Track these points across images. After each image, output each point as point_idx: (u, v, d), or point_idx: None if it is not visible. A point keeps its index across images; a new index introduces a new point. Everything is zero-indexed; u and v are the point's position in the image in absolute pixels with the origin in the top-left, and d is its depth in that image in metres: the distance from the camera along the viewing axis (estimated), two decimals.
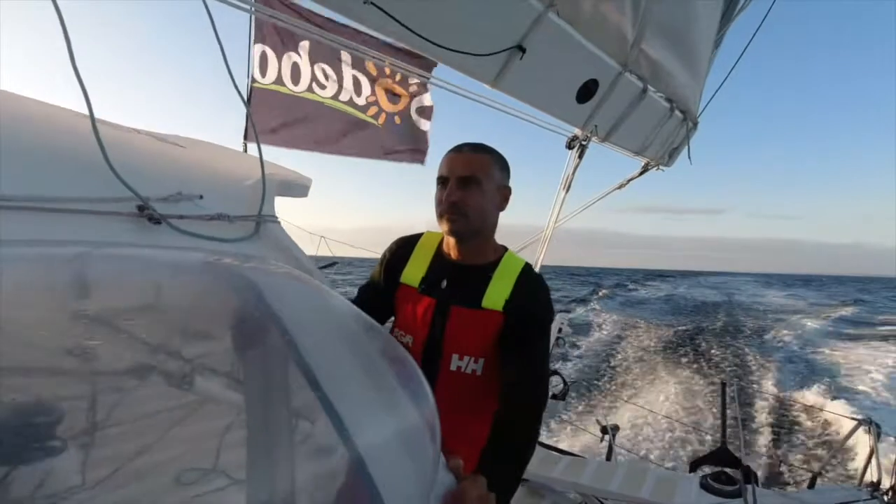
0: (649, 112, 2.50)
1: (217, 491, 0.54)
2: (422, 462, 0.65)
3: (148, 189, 0.83)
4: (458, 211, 1.21)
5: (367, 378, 0.64)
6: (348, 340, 0.66)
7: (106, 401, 0.52)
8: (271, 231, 1.00)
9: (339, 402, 0.61)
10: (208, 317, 0.62)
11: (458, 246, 1.29)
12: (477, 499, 0.74)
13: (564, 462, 3.25)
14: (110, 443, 0.51)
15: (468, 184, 1.21)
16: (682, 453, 6.85)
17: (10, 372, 0.45)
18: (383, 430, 0.63)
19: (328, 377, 0.63)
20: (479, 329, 1.22)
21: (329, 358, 0.65)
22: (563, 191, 2.58)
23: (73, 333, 0.51)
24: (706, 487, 2.82)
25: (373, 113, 3.53)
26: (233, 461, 0.58)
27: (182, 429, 0.57)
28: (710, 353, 15.19)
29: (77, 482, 0.47)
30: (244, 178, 1.11)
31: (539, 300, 1.25)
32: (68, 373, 0.52)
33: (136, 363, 0.55)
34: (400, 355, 0.66)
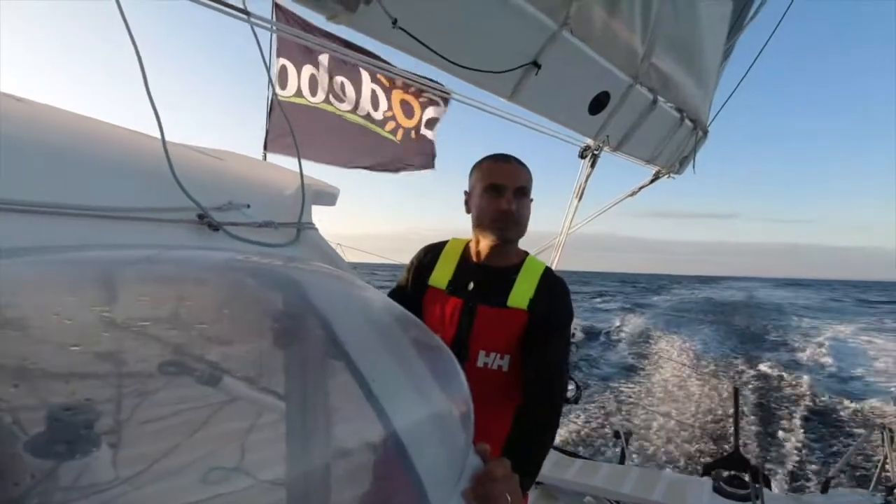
0: (660, 122, 2.57)
1: (242, 491, 0.57)
2: (456, 443, 0.73)
3: (203, 199, 0.93)
4: (514, 220, 1.31)
5: (405, 365, 0.73)
6: (387, 331, 0.74)
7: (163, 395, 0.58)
8: (311, 237, 1.09)
9: (379, 388, 0.70)
10: (264, 309, 0.70)
11: (492, 250, 1.37)
12: (503, 478, 0.82)
13: (578, 465, 3.29)
14: (147, 439, 0.56)
15: (523, 194, 1.32)
16: (696, 458, 6.83)
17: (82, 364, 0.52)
18: (421, 412, 0.71)
19: (369, 365, 0.71)
20: (505, 327, 1.30)
21: (369, 347, 0.74)
22: (576, 199, 2.65)
23: (148, 328, 0.59)
24: (719, 491, 2.85)
25: (391, 128, 3.59)
26: (260, 460, 0.63)
27: (212, 427, 0.62)
28: (727, 356, 15.07)
29: (112, 477, 0.51)
30: (283, 188, 1.21)
31: (561, 300, 1.34)
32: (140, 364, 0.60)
33: (195, 354, 0.64)
34: (436, 344, 0.74)
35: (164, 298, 0.56)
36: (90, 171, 0.83)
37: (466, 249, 1.43)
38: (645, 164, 2.93)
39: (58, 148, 0.81)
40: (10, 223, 0.65)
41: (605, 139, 2.35)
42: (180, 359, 0.58)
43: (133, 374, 0.57)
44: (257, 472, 0.64)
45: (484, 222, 1.34)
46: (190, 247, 0.80)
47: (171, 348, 0.57)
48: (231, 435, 0.64)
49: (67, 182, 0.77)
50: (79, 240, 0.70)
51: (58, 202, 0.73)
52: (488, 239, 1.36)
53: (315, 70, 3.48)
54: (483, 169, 1.36)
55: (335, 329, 0.67)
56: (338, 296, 0.72)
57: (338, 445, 0.70)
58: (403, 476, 0.70)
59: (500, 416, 1.24)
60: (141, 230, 0.82)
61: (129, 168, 0.90)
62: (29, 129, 0.77)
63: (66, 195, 0.75)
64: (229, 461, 0.63)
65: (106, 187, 0.82)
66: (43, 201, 0.71)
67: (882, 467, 3.02)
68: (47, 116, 0.86)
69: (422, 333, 0.75)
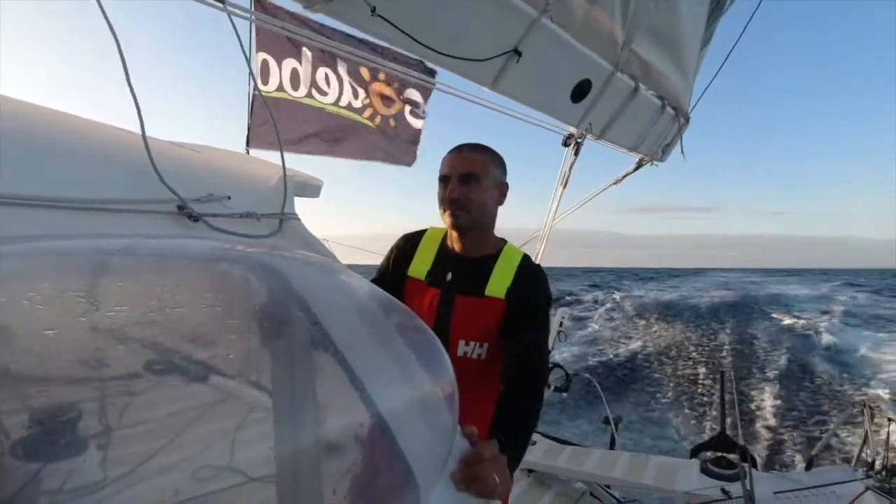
0: (642, 109, 2.58)
1: (232, 488, 0.57)
2: (442, 425, 0.74)
3: (183, 191, 0.92)
4: (461, 206, 1.31)
5: (390, 348, 0.73)
6: (372, 315, 0.75)
7: (142, 387, 0.58)
8: (294, 227, 1.09)
9: (363, 372, 0.70)
10: (245, 294, 0.69)
11: (461, 239, 1.38)
12: (491, 458, 0.83)
13: (568, 451, 3.33)
14: (132, 428, 0.56)
15: (468, 180, 1.31)
16: (684, 442, 6.96)
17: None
18: (407, 395, 0.72)
19: (354, 349, 0.71)
20: (483, 316, 1.31)
21: (354, 331, 0.74)
22: (561, 187, 2.66)
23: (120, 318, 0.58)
24: (706, 472, 2.91)
25: (368, 115, 3.59)
26: (246, 447, 0.63)
27: (196, 416, 0.61)
28: (712, 342, 15.32)
29: (100, 477, 0.50)
30: (265, 180, 1.20)
31: (538, 287, 1.35)
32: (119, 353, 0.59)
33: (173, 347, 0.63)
34: (420, 328, 0.74)
35: (144, 286, 0.56)
36: (67, 164, 0.82)
37: (444, 239, 1.45)
38: (628, 151, 2.95)
39: (33, 141, 0.80)
40: None
41: (588, 127, 2.36)
42: (162, 346, 0.57)
43: (114, 364, 0.56)
44: (243, 459, 0.64)
45: (439, 209, 1.36)
46: (169, 236, 0.79)
47: (152, 336, 0.56)
48: (216, 421, 0.64)
49: (45, 174, 0.76)
50: (57, 231, 0.69)
51: (35, 195, 0.72)
52: (449, 228, 1.38)
53: (297, 64, 3.45)
54: (441, 165, 1.38)
55: (319, 314, 0.67)
56: (321, 281, 0.72)
57: (324, 430, 0.70)
58: (391, 459, 0.71)
59: (481, 403, 1.25)
60: (119, 222, 0.81)
61: (108, 160, 0.89)
62: (6, 123, 0.76)
63: (43, 188, 0.74)
64: (214, 448, 0.63)
65: (83, 179, 0.81)
66: (20, 193, 0.70)
67: (864, 444, 3.10)
68: (22, 111, 0.85)
69: (406, 317, 0.75)
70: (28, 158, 0.76)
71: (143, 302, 0.58)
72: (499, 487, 0.83)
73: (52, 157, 0.81)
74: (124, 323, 0.56)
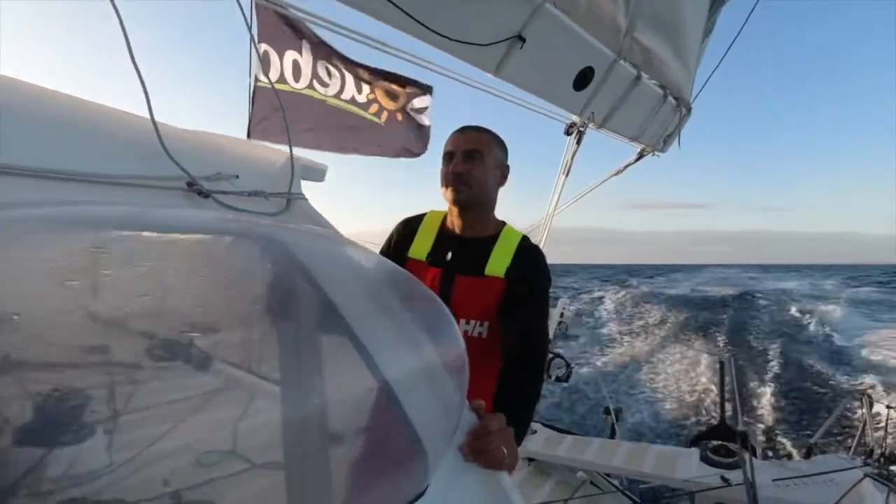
0: (644, 98, 2.59)
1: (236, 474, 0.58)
2: (453, 396, 0.75)
3: (192, 170, 0.92)
4: (463, 181, 1.33)
5: (401, 319, 0.74)
6: (382, 286, 0.75)
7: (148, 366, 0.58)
8: (301, 207, 1.10)
9: (375, 343, 0.71)
10: (255, 264, 0.70)
11: (462, 217, 1.40)
12: (499, 431, 0.84)
13: (569, 441, 3.35)
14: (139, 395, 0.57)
15: (472, 157, 1.34)
16: (684, 431, 7.01)
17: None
18: (417, 364, 0.73)
19: (364, 320, 0.72)
20: (483, 295, 1.33)
21: (364, 302, 0.75)
22: (563, 176, 2.67)
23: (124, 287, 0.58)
24: (706, 460, 2.92)
25: (374, 111, 3.56)
26: (256, 418, 0.64)
27: (204, 412, 0.62)
28: (712, 333, 15.40)
29: (106, 462, 0.51)
30: (271, 162, 1.21)
31: (537, 267, 1.37)
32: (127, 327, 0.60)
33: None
34: (430, 297, 0.75)
35: (153, 251, 0.56)
36: (80, 141, 0.83)
37: (444, 221, 1.46)
38: (630, 141, 2.95)
39: (45, 119, 0.81)
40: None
41: (590, 115, 2.36)
42: (169, 312, 0.58)
43: (121, 332, 0.56)
44: (253, 431, 0.65)
45: (441, 186, 1.39)
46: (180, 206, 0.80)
47: (160, 302, 0.56)
48: (225, 393, 0.65)
49: (58, 150, 0.77)
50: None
51: (49, 167, 0.73)
52: (450, 205, 1.40)
53: (298, 55, 3.43)
54: (445, 143, 1.41)
55: (329, 283, 0.68)
56: (331, 252, 0.73)
57: (334, 401, 0.71)
58: (400, 427, 0.71)
59: (482, 380, 1.27)
60: (130, 196, 0.82)
61: (118, 139, 0.90)
62: (24, 105, 0.77)
63: (56, 161, 0.75)
64: (223, 419, 0.63)
65: (95, 156, 0.82)
66: (33, 166, 0.71)
67: (862, 432, 3.12)
68: (33, 92, 0.85)
69: (416, 288, 0.76)
70: (41, 135, 0.77)
71: (150, 266, 0.58)
72: (507, 459, 0.85)
73: (66, 134, 0.82)
74: (128, 290, 0.56)
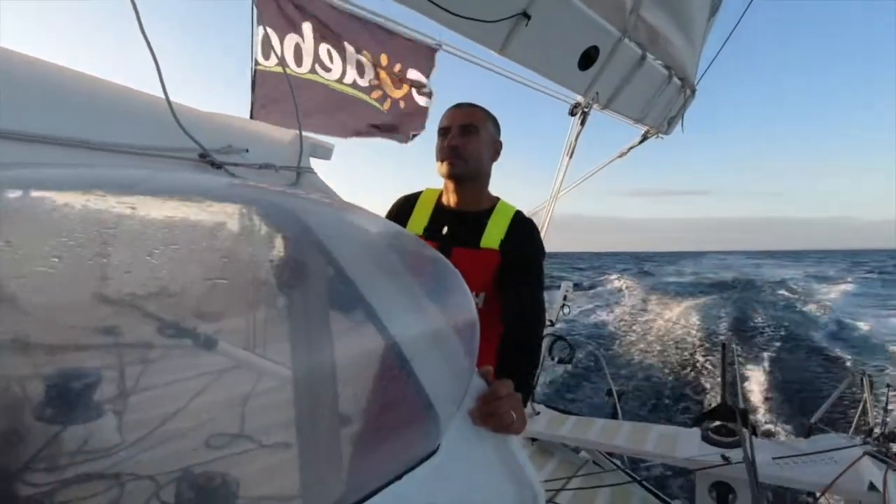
0: (648, 78, 2.58)
1: (244, 454, 0.59)
2: (462, 357, 0.76)
3: (203, 142, 0.94)
4: (459, 155, 1.36)
5: (411, 282, 0.75)
6: (391, 249, 0.77)
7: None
8: (311, 180, 1.11)
9: (383, 303, 0.72)
10: (269, 228, 0.70)
11: (457, 191, 1.43)
12: (507, 396, 0.86)
13: (572, 421, 3.38)
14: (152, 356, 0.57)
15: (467, 132, 1.38)
16: (686, 414, 7.09)
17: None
18: (429, 331, 0.74)
19: (374, 282, 0.73)
20: (479, 267, 1.36)
21: (375, 265, 0.76)
22: (567, 157, 2.67)
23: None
24: (707, 440, 2.95)
25: (377, 97, 3.53)
26: (267, 381, 0.66)
27: (212, 394, 0.62)
28: (714, 319, 15.46)
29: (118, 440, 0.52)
30: (280, 138, 1.22)
31: (531, 239, 1.40)
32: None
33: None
34: (441, 261, 0.77)
35: (161, 211, 0.57)
36: (94, 114, 0.84)
37: (440, 197, 1.49)
38: (634, 123, 2.94)
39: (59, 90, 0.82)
40: (14, 151, 0.67)
41: (594, 96, 2.36)
42: (179, 273, 0.58)
43: (126, 294, 0.56)
44: (264, 393, 0.66)
45: (437, 160, 1.42)
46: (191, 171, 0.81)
47: (172, 261, 0.57)
48: (237, 356, 0.66)
49: (72, 120, 0.79)
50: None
51: (65, 136, 0.74)
52: (445, 179, 1.43)
53: (300, 39, 3.40)
54: (440, 119, 1.44)
55: (342, 249, 0.70)
56: (344, 219, 0.74)
57: (347, 361, 0.72)
58: (412, 390, 0.73)
59: (481, 350, 1.30)
60: (143, 166, 0.84)
61: (130, 112, 0.91)
62: (39, 80, 0.78)
63: (71, 130, 0.76)
64: (235, 384, 0.65)
65: (109, 127, 0.84)
66: (50, 134, 0.72)
67: (861, 412, 3.15)
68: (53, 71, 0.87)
69: (427, 252, 0.78)
70: (57, 104, 0.78)
71: (161, 228, 0.59)
72: (515, 423, 0.87)
73: (81, 106, 0.83)
74: (137, 250, 0.57)
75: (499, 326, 1.30)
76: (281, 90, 3.49)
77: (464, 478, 0.83)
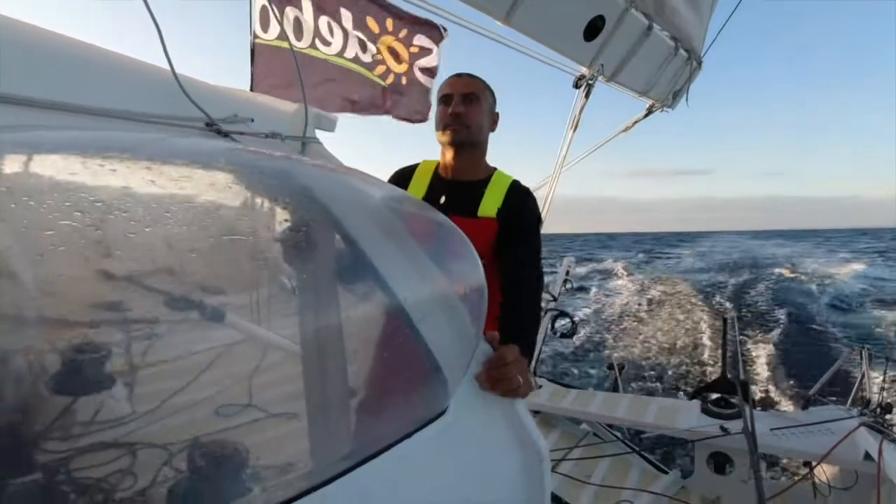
0: (654, 50, 2.53)
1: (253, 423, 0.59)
2: (470, 322, 0.78)
3: (208, 111, 0.94)
4: (461, 122, 1.37)
5: (420, 246, 0.76)
6: (398, 214, 0.78)
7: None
8: (317, 150, 1.11)
9: (391, 267, 0.72)
10: (277, 192, 0.70)
11: (456, 159, 1.43)
12: (514, 361, 0.88)
13: (573, 394, 3.44)
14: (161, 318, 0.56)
15: (469, 100, 1.39)
16: (685, 387, 7.20)
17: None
18: (437, 291, 0.76)
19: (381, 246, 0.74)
20: (476, 235, 1.36)
21: (381, 230, 0.77)
22: (571, 130, 2.65)
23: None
24: (707, 412, 3.00)
25: (380, 73, 3.46)
26: (275, 345, 0.66)
27: (221, 366, 0.61)
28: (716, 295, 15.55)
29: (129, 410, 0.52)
30: (285, 110, 1.21)
31: (527, 206, 1.41)
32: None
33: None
34: (449, 226, 0.77)
35: (172, 175, 0.57)
36: (102, 82, 0.85)
37: (437, 168, 1.50)
38: (639, 96, 2.91)
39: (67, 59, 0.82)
40: (20, 115, 0.67)
41: (599, 68, 2.32)
42: (187, 234, 0.58)
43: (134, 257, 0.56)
44: (274, 356, 0.67)
45: (438, 129, 1.43)
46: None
47: (177, 225, 0.57)
48: (243, 321, 0.66)
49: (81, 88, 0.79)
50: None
51: (74, 102, 0.74)
52: (446, 147, 1.43)
53: (299, 12, 3.33)
54: (439, 88, 1.45)
55: (348, 211, 0.70)
56: (350, 183, 0.75)
57: (353, 327, 0.73)
58: (421, 352, 0.75)
59: None
60: (154, 132, 0.84)
61: (137, 82, 0.91)
62: (44, 49, 0.78)
63: (81, 98, 0.76)
64: (242, 350, 0.65)
65: (115, 95, 0.84)
66: (58, 101, 0.73)
67: (860, 384, 3.19)
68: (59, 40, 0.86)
69: (437, 217, 0.78)
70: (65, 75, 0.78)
71: (166, 193, 0.58)
72: (521, 387, 0.89)
73: (89, 74, 0.83)
74: (144, 213, 0.56)
75: (497, 295, 1.31)
76: (280, 64, 3.43)
77: (472, 439, 0.85)
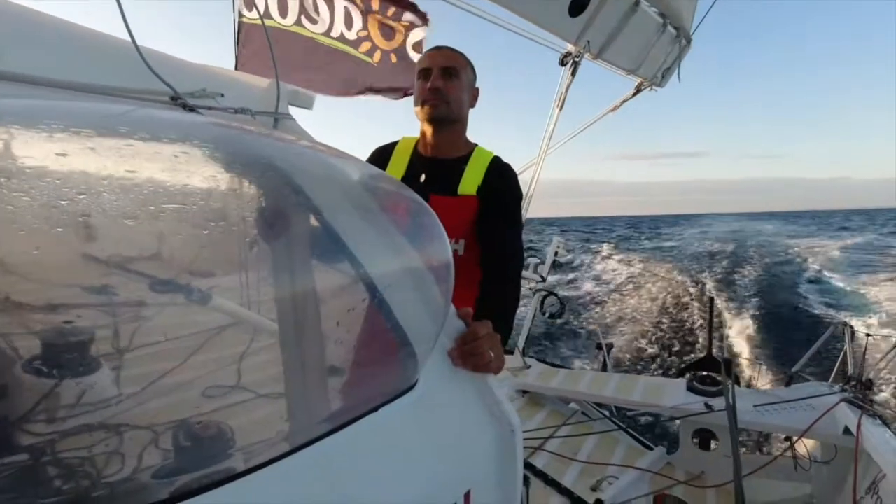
0: (642, 27, 2.50)
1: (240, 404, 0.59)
2: (437, 295, 0.77)
3: (176, 86, 0.91)
4: (441, 97, 1.34)
5: (385, 220, 0.76)
6: (365, 189, 0.77)
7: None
8: (290, 126, 1.09)
9: (357, 241, 0.71)
10: (245, 168, 0.69)
11: (435, 136, 1.40)
12: (487, 336, 0.88)
13: (562, 374, 3.47)
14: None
15: (449, 74, 1.35)
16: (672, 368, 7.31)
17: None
18: (402, 264, 0.75)
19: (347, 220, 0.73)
20: (457, 213, 1.36)
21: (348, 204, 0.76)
22: (557, 109, 2.62)
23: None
24: (692, 389, 3.05)
25: (366, 49, 3.38)
26: (246, 321, 0.65)
27: (208, 349, 0.61)
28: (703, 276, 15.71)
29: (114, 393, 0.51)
30: (257, 85, 1.19)
31: (507, 182, 1.40)
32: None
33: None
34: (417, 201, 0.77)
35: (129, 147, 0.56)
36: (62, 53, 0.82)
37: (417, 145, 1.47)
38: (627, 74, 2.88)
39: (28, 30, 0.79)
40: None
41: (586, 45, 2.29)
42: (157, 209, 0.57)
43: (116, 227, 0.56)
44: (241, 330, 0.67)
45: (417, 105, 1.40)
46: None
47: (148, 198, 0.56)
48: (208, 293, 0.66)
49: (42, 59, 0.76)
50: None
51: (38, 75, 0.72)
52: (424, 124, 1.41)
53: None
54: (418, 61, 1.41)
55: (317, 186, 0.69)
56: (319, 158, 0.74)
57: (318, 302, 0.72)
58: (389, 326, 0.75)
59: (462, 294, 1.32)
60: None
61: (97, 54, 0.88)
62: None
63: (43, 70, 0.74)
64: (212, 322, 0.65)
65: (76, 68, 0.81)
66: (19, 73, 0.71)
67: (842, 361, 3.24)
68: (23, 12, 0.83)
69: (405, 192, 0.77)
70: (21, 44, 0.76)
71: (127, 166, 0.57)
72: (493, 362, 0.89)
73: (45, 45, 0.80)
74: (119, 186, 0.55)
75: (479, 273, 1.31)
76: (266, 43, 3.34)
77: (443, 413, 0.86)
